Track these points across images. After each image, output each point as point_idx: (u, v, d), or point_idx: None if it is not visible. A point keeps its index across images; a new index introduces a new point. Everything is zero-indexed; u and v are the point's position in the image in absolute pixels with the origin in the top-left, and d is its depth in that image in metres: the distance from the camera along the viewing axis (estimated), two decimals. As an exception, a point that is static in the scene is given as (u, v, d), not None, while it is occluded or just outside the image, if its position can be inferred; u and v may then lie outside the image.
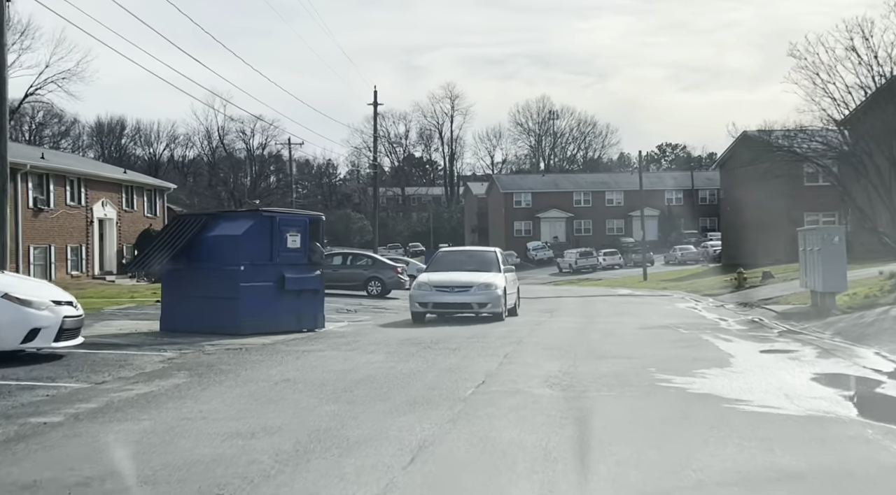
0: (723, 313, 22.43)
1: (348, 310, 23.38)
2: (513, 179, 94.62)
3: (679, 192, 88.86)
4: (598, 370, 10.85)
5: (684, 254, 70.89)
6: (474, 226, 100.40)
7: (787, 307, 21.71)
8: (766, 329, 17.30)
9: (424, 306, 19.49)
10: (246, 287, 15.85)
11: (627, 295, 36.78)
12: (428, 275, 20.50)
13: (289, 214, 17.63)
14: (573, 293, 39.76)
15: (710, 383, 9.70)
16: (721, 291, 32.24)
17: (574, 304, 28.88)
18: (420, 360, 11.76)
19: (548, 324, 19.03)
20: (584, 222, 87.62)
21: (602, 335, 15.81)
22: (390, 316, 22.23)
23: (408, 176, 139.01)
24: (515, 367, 11.21)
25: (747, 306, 24.55)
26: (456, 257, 22.62)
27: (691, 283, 41.52)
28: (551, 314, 22.55)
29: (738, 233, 55.35)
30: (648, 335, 15.85)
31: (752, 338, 15.06)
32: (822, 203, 51.29)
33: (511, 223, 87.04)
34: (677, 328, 17.36)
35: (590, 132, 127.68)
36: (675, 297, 32.71)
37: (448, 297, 19.39)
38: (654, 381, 9.84)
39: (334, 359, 12.01)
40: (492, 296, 19.33)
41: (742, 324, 18.73)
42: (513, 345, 14.12)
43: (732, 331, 16.85)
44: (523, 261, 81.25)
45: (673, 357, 12.24)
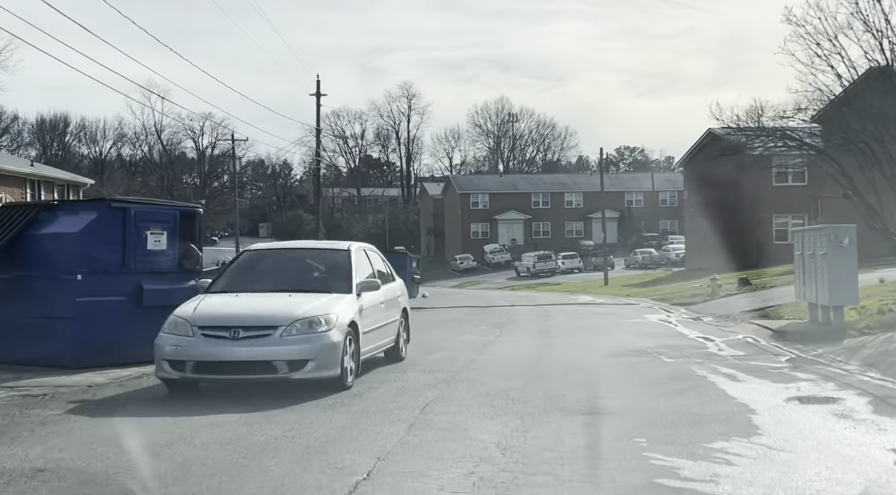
0: (704, 329, 18.59)
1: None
2: (470, 180, 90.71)
3: (639, 194, 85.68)
4: (560, 443, 6.83)
5: (645, 258, 67.52)
6: (430, 227, 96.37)
7: (781, 323, 17.91)
8: (769, 355, 13.41)
9: (179, 367, 9.59)
10: (84, 302, 11.61)
11: (589, 302, 32.94)
12: (197, 304, 10.21)
13: (150, 206, 13.33)
14: (530, 300, 35.84)
15: (743, 477, 5.71)
16: (693, 300, 28.51)
17: (529, 315, 24.92)
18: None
19: (493, 348, 14.93)
20: (543, 224, 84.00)
21: (563, 368, 11.75)
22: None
23: (364, 177, 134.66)
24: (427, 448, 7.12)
25: (730, 320, 20.75)
26: (274, 262, 12.11)
27: (657, 290, 37.83)
28: (500, 330, 18.53)
29: (702, 236, 51.97)
30: (624, 368, 11.85)
31: (762, 373, 11.13)
32: (791, 204, 48.06)
33: (468, 225, 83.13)
34: (658, 354, 13.41)
35: (549, 134, 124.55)
36: (642, 307, 28.91)
37: (225, 350, 9.44)
38: (649, 477, 5.82)
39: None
40: (318, 345, 9.57)
41: (735, 346, 14.84)
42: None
43: (728, 359, 12.93)
44: (480, 264, 77.41)
45: (667, 412, 8.25)
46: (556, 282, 60.04)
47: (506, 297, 40.32)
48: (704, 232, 51.94)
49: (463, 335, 17.30)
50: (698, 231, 52.63)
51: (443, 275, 76.88)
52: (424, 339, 15.76)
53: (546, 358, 13.24)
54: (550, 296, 41.49)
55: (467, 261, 76.78)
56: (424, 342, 15.01)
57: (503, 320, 22.48)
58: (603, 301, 34.56)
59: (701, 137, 52.10)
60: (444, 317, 24.54)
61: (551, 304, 31.34)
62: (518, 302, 34.26)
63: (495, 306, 30.63)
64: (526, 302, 34.41)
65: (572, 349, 14.43)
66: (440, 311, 28.25)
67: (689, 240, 54.58)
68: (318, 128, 45.98)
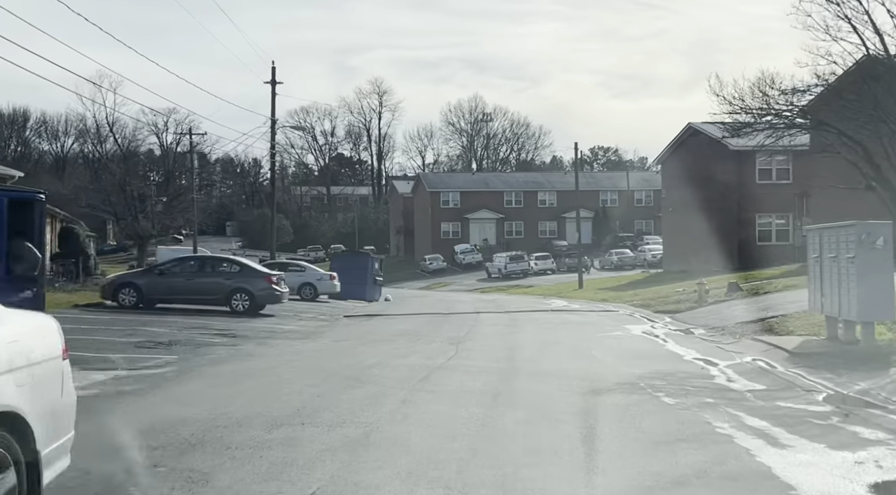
0: (701, 348, 15.32)
1: (157, 344, 15.54)
2: (440, 178, 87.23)
3: (614, 193, 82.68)
4: None
5: (621, 259, 64.50)
6: (399, 226, 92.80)
7: (794, 341, 14.65)
8: (798, 391, 10.10)
9: None
10: None
11: (562, 309, 29.66)
12: None
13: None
14: (498, 306, 32.48)
15: None
16: (678, 307, 25.29)
17: (495, 326, 21.55)
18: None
19: (439, 378, 11.40)
20: (516, 224, 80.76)
21: (523, 424, 8.30)
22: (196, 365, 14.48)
23: (335, 175, 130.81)
24: None
25: (727, 334, 17.51)
26: None
27: (636, 294, 34.62)
28: (456, 349, 15.11)
29: (681, 236, 49.00)
30: (612, 418, 8.42)
31: (806, 429, 7.79)
32: (775, 203, 45.10)
33: (438, 224, 79.70)
34: (654, 390, 10.06)
35: (523, 133, 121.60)
36: (622, 315, 25.68)
37: None
38: None
39: None
40: None
41: (748, 375, 11.54)
42: None
43: (748, 399, 9.59)
44: (451, 265, 74.06)
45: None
46: (529, 284, 56.81)
47: (473, 302, 36.95)
48: (683, 232, 48.95)
49: (407, 357, 13.87)
50: (677, 231, 49.66)
51: (411, 277, 73.44)
52: (354, 365, 12.36)
53: (505, 398, 9.81)
54: (521, 301, 38.18)
55: (437, 262, 73.37)
56: (352, 369, 11.61)
57: (462, 333, 19.08)
58: (578, 306, 31.29)
59: (680, 133, 49.12)
60: (395, 329, 21.12)
61: (521, 311, 28.02)
62: (485, 307, 30.90)
63: (458, 313, 27.25)
64: (493, 307, 31.06)
65: (541, 381, 11.03)
66: (395, 320, 24.84)
67: (667, 240, 51.56)
68: (273, 119, 42.32)
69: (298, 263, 37.68)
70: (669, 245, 51.06)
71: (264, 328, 20.04)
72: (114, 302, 23.97)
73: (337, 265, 41.83)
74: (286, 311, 26.20)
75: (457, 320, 23.86)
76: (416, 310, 29.37)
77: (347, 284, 40.28)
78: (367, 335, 19.30)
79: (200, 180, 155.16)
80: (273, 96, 42.57)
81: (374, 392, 9.84)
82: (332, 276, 36.47)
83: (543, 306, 31.91)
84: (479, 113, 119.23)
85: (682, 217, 48.72)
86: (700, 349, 15.03)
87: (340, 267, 41.33)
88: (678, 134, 49.35)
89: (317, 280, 35.83)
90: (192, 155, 67.96)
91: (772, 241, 44.91)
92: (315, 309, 29.17)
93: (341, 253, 45.41)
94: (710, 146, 46.57)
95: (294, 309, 28.14)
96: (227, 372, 11.71)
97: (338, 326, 22.49)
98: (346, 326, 22.59)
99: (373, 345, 16.46)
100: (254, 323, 21.40)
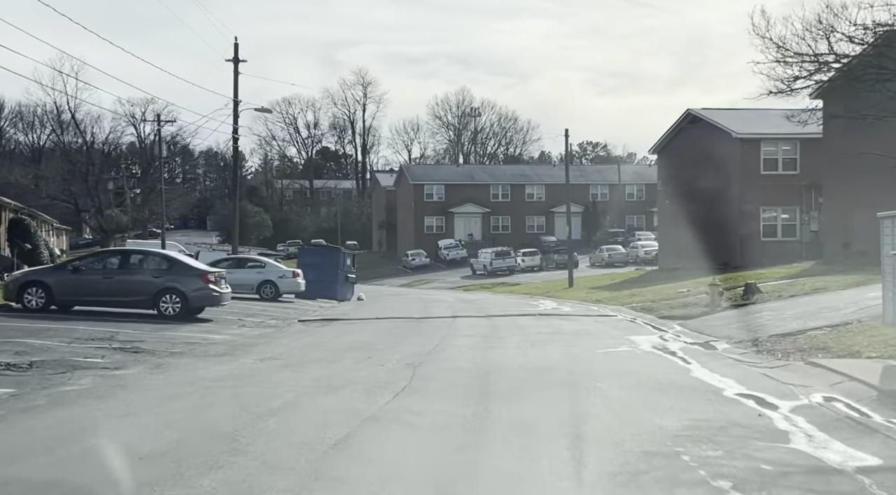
0: (739, 374, 11.30)
1: (10, 367, 11.42)
2: (424, 170, 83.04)
3: (605, 187, 78.79)
4: None
5: (612, 255, 60.62)
6: (381, 221, 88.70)
7: (874, 368, 10.61)
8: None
9: None
10: None
11: (552, 312, 25.66)
12: None
13: None
14: (480, 308, 28.46)
15: None
16: (688, 312, 21.31)
17: (471, 337, 17.51)
18: None
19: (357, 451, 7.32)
20: (502, 219, 76.79)
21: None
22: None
23: (319, 168, 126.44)
24: None
25: (765, 352, 13.51)
26: None
27: (634, 295, 30.65)
28: (412, 375, 11.05)
29: (677, 231, 45.10)
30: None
31: None
32: (781, 195, 41.23)
33: (421, 218, 75.62)
34: (710, 473, 6.00)
35: (511, 127, 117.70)
36: (622, 321, 21.71)
37: None
38: None
39: None
40: None
41: (838, 433, 7.49)
42: None
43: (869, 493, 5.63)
44: (434, 261, 70.07)
45: None
46: (515, 281, 52.85)
47: (452, 302, 32.90)
48: (680, 227, 45.01)
49: (339, 390, 9.80)
50: (673, 226, 45.75)
51: (392, 273, 69.40)
52: (247, 412, 8.28)
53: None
54: (506, 302, 34.14)
55: (420, 258, 69.34)
56: (233, 423, 7.54)
57: (428, 348, 15.04)
58: (570, 309, 27.28)
59: (678, 120, 45.18)
60: (349, 340, 17.08)
61: (504, 315, 23.98)
62: (464, 309, 26.86)
63: (433, 317, 23.22)
64: (474, 310, 27.04)
65: (524, 448, 6.94)
66: (356, 327, 20.79)
67: (663, 236, 47.64)
68: (235, 100, 38.14)
69: (258, 259, 33.52)
70: (665, 241, 47.15)
71: (185, 339, 15.95)
72: (18, 303, 19.85)
73: (305, 261, 37.74)
74: (232, 315, 22.17)
75: (428, 328, 19.81)
76: (385, 313, 25.32)
77: (316, 282, 36.26)
78: (309, 350, 15.27)
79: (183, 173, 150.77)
80: (236, 75, 38.45)
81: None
82: (295, 274, 32.37)
83: (531, 309, 27.90)
84: (466, 106, 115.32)
85: (680, 210, 44.80)
86: (740, 377, 11.02)
87: (308, 263, 37.27)
88: (676, 121, 45.43)
89: (278, 277, 31.70)
90: (160, 142, 63.52)
91: (777, 237, 41.03)
92: (268, 311, 25.11)
93: (310, 247, 41.22)
94: (711, 134, 42.68)
95: (245, 311, 24.12)
96: (41, 427, 7.62)
97: (282, 336, 18.42)
98: (292, 336, 18.52)
99: (305, 367, 12.39)
100: (178, 331, 17.29)
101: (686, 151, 44.75)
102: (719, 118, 42.37)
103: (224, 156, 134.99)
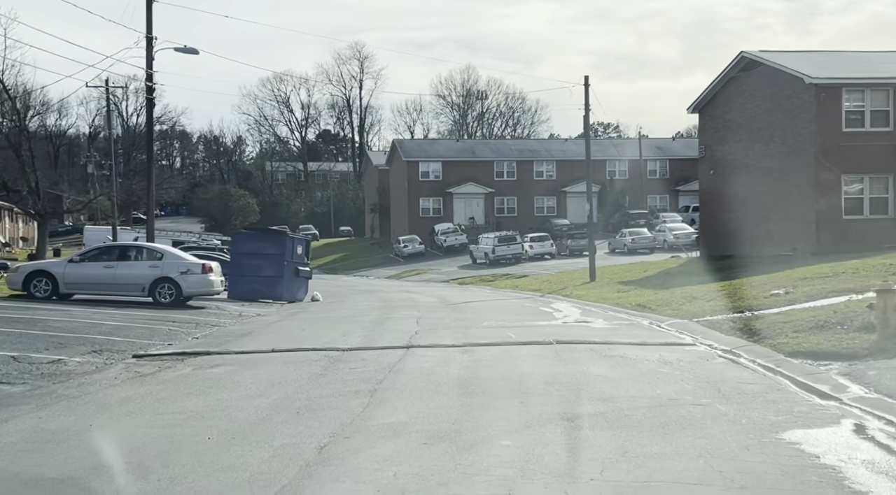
0: None
1: None
2: (419, 145, 72.46)
3: (623, 163, 68.30)
4: None
5: (636, 240, 50.30)
6: (374, 204, 78.42)
7: None
8: None
9: None
10: None
11: (579, 336, 15.20)
12: None
13: None
14: (465, 320, 18.21)
15: None
16: (837, 342, 11.07)
17: (404, 434, 7.29)
18: None
19: None
20: (508, 200, 66.47)
21: None
22: None
23: (318, 152, 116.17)
24: None
25: None
26: None
27: (689, 295, 20.32)
28: None
29: (727, 207, 34.81)
30: None
31: None
32: (867, 159, 30.95)
33: (416, 200, 65.35)
34: None
35: (518, 107, 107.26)
36: (711, 357, 11.47)
37: None
38: None
39: None
40: None
41: None
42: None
43: None
44: (430, 248, 59.89)
45: None
46: (522, 272, 42.59)
47: (430, 307, 22.63)
48: (731, 203, 34.67)
49: None
50: (721, 202, 35.41)
51: (382, 262, 59.25)
52: None
53: None
54: (507, 305, 23.86)
55: (413, 245, 59.16)
56: None
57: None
58: (603, 324, 16.96)
59: (727, 68, 34.62)
60: (126, 440, 6.87)
61: (496, 343, 13.66)
62: (437, 326, 16.58)
63: (371, 349, 13.06)
64: (453, 323, 16.82)
65: None
66: (201, 384, 10.58)
67: (707, 214, 37.20)
68: (149, 37, 27.95)
69: (154, 247, 23.31)
70: (709, 221, 36.71)
71: None
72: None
73: (239, 249, 27.72)
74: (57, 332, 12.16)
75: (335, 385, 9.62)
76: (302, 339, 15.11)
77: (253, 278, 26.34)
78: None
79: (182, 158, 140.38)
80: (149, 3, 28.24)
81: None
82: (206, 268, 22.24)
83: (541, 321, 17.65)
84: (471, 85, 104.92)
85: (730, 182, 34.45)
86: None
87: (244, 252, 27.27)
88: (724, 70, 34.91)
89: (180, 273, 21.62)
90: (109, 112, 53.23)
91: (863, 214, 30.60)
92: (128, 327, 15.07)
93: (246, 232, 30.82)
94: (774, 82, 32.25)
95: (71, 327, 14.17)
96: None
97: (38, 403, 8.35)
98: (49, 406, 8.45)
99: None
100: None
101: (738, 107, 34.31)
102: (785, 61, 31.88)
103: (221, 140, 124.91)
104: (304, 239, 28.95)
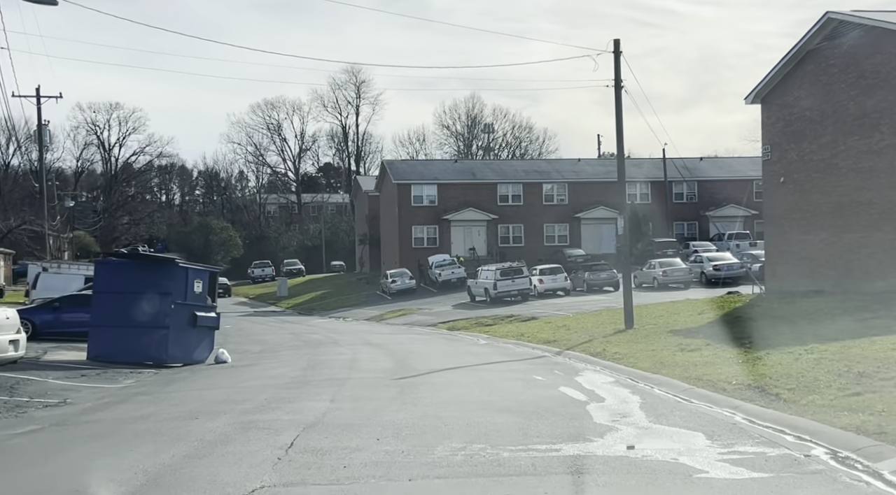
0: None
1: None
2: (411, 166, 62.90)
3: (644, 185, 58.74)
4: None
5: (668, 273, 40.58)
6: (363, 235, 68.84)
7: None
8: None
9: None
10: None
11: (655, 451, 5.43)
12: None
13: None
14: (433, 406, 8.43)
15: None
16: None
17: None
18: None
19: None
20: (513, 227, 56.88)
21: None
22: None
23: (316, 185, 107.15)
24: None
25: None
26: None
27: (832, 367, 10.53)
28: None
29: (804, 227, 25.16)
30: None
31: None
32: None
33: (408, 228, 55.77)
34: None
35: (525, 137, 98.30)
36: None
37: None
38: None
39: None
40: None
41: None
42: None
43: None
44: (423, 284, 50.24)
45: None
46: (530, 312, 32.71)
47: (382, 378, 12.83)
48: (815, 220, 25.04)
49: None
50: (797, 219, 25.77)
51: (367, 300, 49.52)
52: None
53: None
54: (502, 381, 14.01)
55: (402, 280, 49.53)
56: None
57: None
58: (715, 457, 7.23)
59: (804, 37, 25.17)
60: None
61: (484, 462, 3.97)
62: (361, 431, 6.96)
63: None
64: (388, 444, 7.20)
65: None
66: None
67: (775, 238, 27.33)
68: None
69: None
70: (779, 246, 26.85)
71: None
72: None
73: (106, 285, 18.23)
74: None
75: None
76: None
77: (124, 329, 17.00)
78: None
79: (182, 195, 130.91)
80: None
81: None
82: None
83: (566, 444, 7.87)
84: (476, 113, 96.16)
85: (812, 191, 24.78)
86: None
87: (109, 289, 17.86)
88: (800, 41, 25.40)
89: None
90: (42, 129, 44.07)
91: None
92: None
93: (115, 260, 20.68)
94: (876, 49, 22.78)
95: None
96: None
97: None
98: None
99: None
100: None
101: (820, 90, 24.71)
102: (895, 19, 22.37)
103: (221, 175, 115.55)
104: (207, 270, 19.22)
